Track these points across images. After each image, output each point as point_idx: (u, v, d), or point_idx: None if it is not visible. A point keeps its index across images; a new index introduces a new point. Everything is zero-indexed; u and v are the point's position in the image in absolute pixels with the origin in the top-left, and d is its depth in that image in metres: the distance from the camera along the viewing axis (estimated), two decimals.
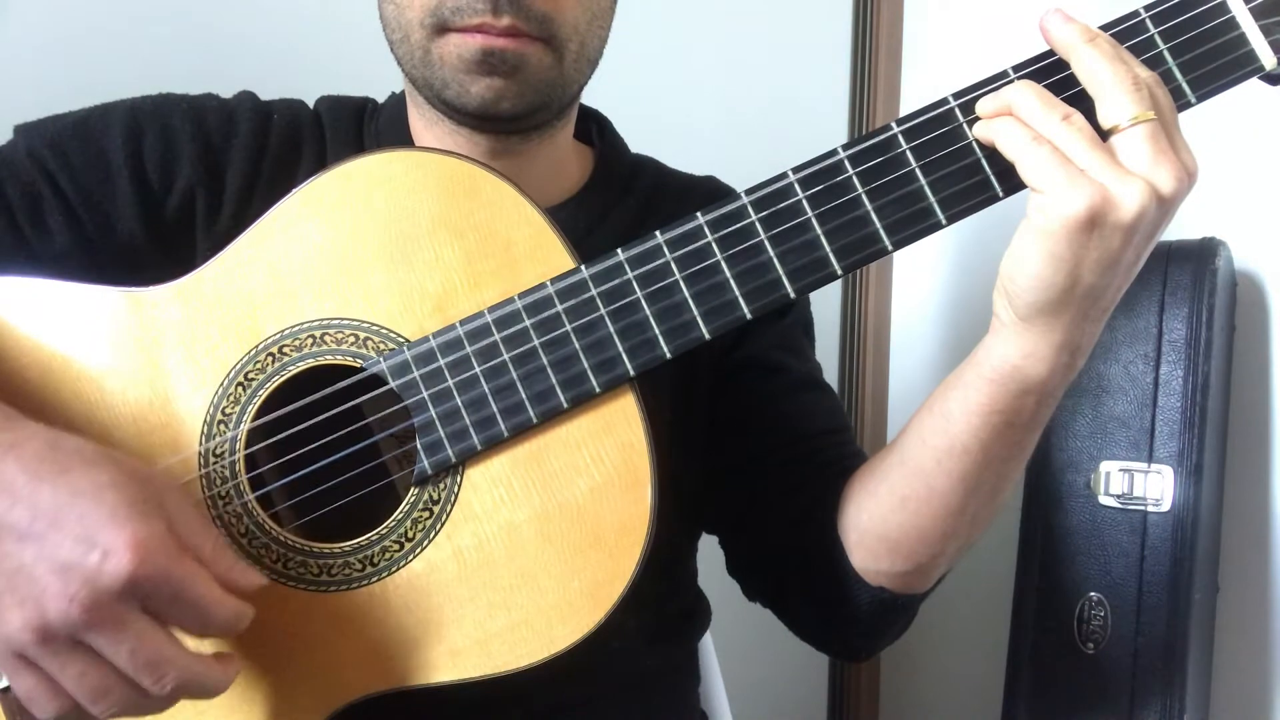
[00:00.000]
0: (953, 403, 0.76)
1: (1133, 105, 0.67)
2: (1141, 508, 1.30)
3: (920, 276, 1.82)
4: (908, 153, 0.72)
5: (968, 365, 0.76)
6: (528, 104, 0.86)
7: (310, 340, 0.78)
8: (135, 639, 0.64)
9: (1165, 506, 1.29)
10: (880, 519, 0.82)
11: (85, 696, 0.64)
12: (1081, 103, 0.69)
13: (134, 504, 0.64)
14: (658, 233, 0.75)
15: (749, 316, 0.74)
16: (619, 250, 0.75)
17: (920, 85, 1.78)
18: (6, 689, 0.78)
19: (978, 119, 0.71)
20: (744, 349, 0.98)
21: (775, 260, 0.73)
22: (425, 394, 0.76)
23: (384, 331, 0.77)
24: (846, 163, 0.73)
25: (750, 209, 0.73)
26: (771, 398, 0.96)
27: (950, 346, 1.79)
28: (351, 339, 0.77)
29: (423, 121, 0.93)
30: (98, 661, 0.64)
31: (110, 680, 0.64)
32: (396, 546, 0.77)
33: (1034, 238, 0.68)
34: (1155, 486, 1.29)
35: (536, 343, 0.75)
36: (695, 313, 0.74)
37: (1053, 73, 0.71)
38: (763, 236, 0.73)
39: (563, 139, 0.96)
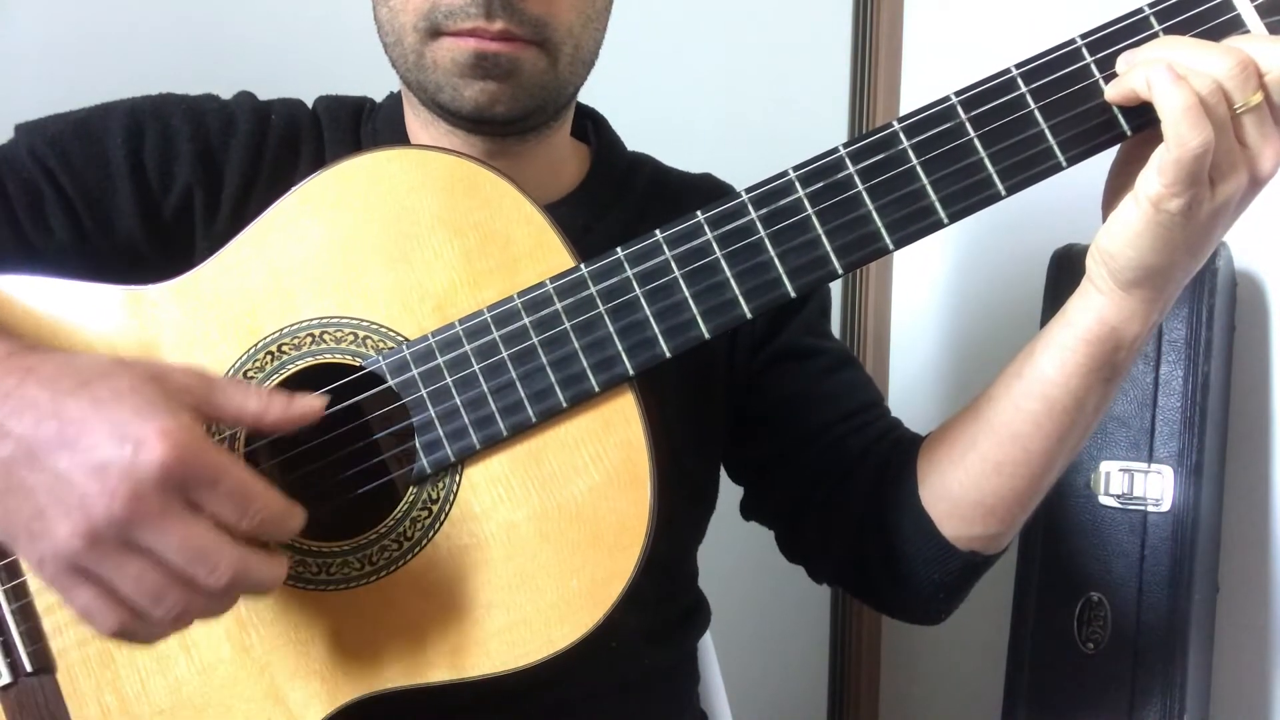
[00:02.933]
0: (1047, 365, 0.79)
1: (1238, 95, 0.67)
2: (1141, 508, 1.30)
3: (920, 276, 1.82)
4: (909, 150, 0.72)
5: (1059, 327, 0.78)
6: (522, 107, 0.86)
7: (309, 339, 0.78)
8: (183, 528, 0.63)
9: (1165, 506, 1.29)
10: (974, 487, 0.84)
11: (144, 598, 0.64)
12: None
13: (156, 401, 0.65)
14: (657, 231, 0.74)
15: (749, 315, 0.73)
16: (618, 249, 0.75)
17: (920, 85, 1.78)
18: (7, 686, 0.78)
19: (979, 117, 0.71)
20: (777, 341, 0.99)
21: (775, 259, 0.73)
22: (424, 392, 0.76)
23: (383, 330, 0.77)
24: (847, 160, 0.72)
25: (750, 207, 0.73)
26: (815, 379, 0.98)
27: (950, 346, 1.78)
28: (350, 337, 0.77)
29: (419, 122, 0.93)
30: (151, 560, 0.64)
31: (166, 578, 0.64)
32: (395, 545, 0.77)
33: (1140, 218, 0.70)
34: (1155, 486, 1.29)
35: (535, 341, 0.75)
36: (695, 312, 0.74)
37: (1055, 69, 0.71)
38: (762, 235, 0.73)
39: (559, 138, 0.96)
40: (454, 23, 0.82)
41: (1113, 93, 0.70)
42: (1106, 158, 0.75)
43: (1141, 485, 1.30)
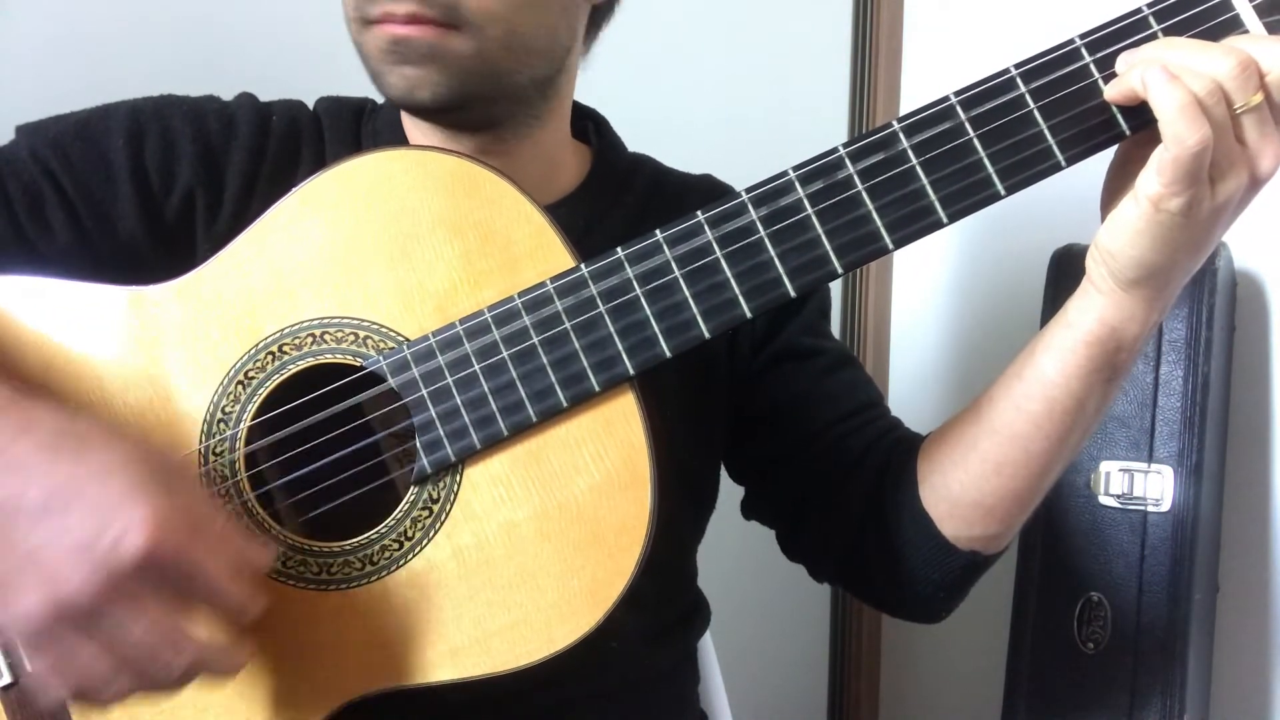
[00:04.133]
0: (1047, 367, 0.79)
1: (1238, 95, 0.67)
2: (1141, 508, 1.30)
3: (920, 277, 1.82)
4: (908, 150, 0.72)
5: (1059, 329, 0.78)
6: (451, 92, 0.84)
7: (310, 339, 0.78)
8: (151, 616, 0.63)
9: (1165, 506, 1.29)
10: (974, 487, 0.84)
11: (100, 676, 0.64)
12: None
13: (147, 482, 0.64)
14: (657, 231, 0.74)
15: (749, 315, 0.74)
16: (618, 248, 0.75)
17: (920, 85, 1.78)
18: (8, 686, 0.78)
19: (978, 116, 0.71)
20: (776, 341, 0.99)
21: (775, 259, 0.73)
22: (424, 392, 0.76)
23: (384, 330, 0.77)
24: (847, 160, 0.72)
25: (750, 207, 0.73)
26: (814, 379, 0.98)
27: (950, 347, 1.78)
28: (351, 337, 0.77)
29: (411, 121, 0.94)
30: (113, 640, 0.64)
31: (119, 665, 0.64)
32: (396, 545, 0.77)
33: (1140, 217, 0.70)
34: (1155, 486, 1.29)
35: (536, 341, 0.75)
36: (695, 311, 0.74)
37: (1054, 69, 0.71)
38: (762, 234, 0.73)
39: (548, 138, 0.95)
40: (372, 10, 0.82)
41: (1112, 92, 0.70)
42: (1106, 158, 0.75)
43: (1141, 485, 1.30)
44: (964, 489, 0.85)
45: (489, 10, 0.82)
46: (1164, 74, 0.67)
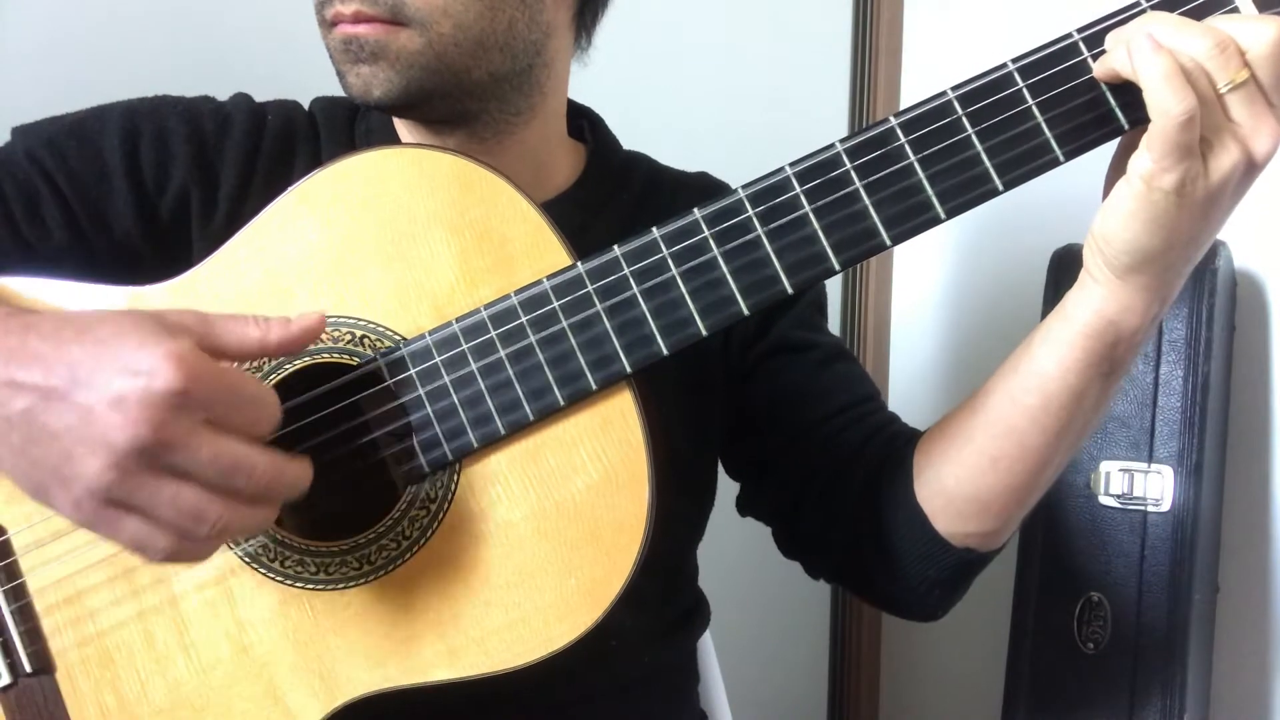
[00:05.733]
0: (1045, 360, 0.78)
1: (1220, 74, 0.67)
2: (1141, 508, 1.30)
3: (920, 277, 1.82)
4: (906, 146, 0.71)
5: (1056, 321, 0.77)
6: (404, 89, 0.84)
7: None
8: (210, 444, 0.64)
9: (1165, 506, 1.29)
10: (969, 482, 0.83)
11: (185, 518, 0.65)
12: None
13: (158, 331, 0.65)
14: (654, 229, 0.74)
15: (746, 313, 0.73)
16: (615, 246, 0.75)
17: (920, 85, 1.78)
18: (7, 687, 0.78)
19: (976, 112, 0.71)
20: (769, 337, 0.98)
21: (772, 256, 0.73)
22: (421, 391, 0.76)
23: (380, 329, 0.77)
24: (844, 157, 0.72)
25: (747, 204, 0.73)
26: (808, 373, 0.97)
27: (951, 343, 1.78)
28: (348, 337, 0.77)
29: (401, 119, 0.94)
30: (186, 481, 0.64)
31: (204, 494, 0.65)
32: (394, 545, 0.76)
33: (1132, 197, 0.69)
34: (1155, 486, 1.29)
35: (533, 339, 0.75)
36: (692, 309, 0.74)
37: (1052, 64, 0.71)
38: (759, 232, 0.73)
39: (534, 135, 0.95)
40: (326, 11, 0.84)
41: (1099, 70, 0.70)
42: (1107, 157, 0.75)
43: (1141, 485, 1.30)
44: (959, 483, 0.84)
45: (434, 5, 0.82)
46: (1150, 43, 0.66)
